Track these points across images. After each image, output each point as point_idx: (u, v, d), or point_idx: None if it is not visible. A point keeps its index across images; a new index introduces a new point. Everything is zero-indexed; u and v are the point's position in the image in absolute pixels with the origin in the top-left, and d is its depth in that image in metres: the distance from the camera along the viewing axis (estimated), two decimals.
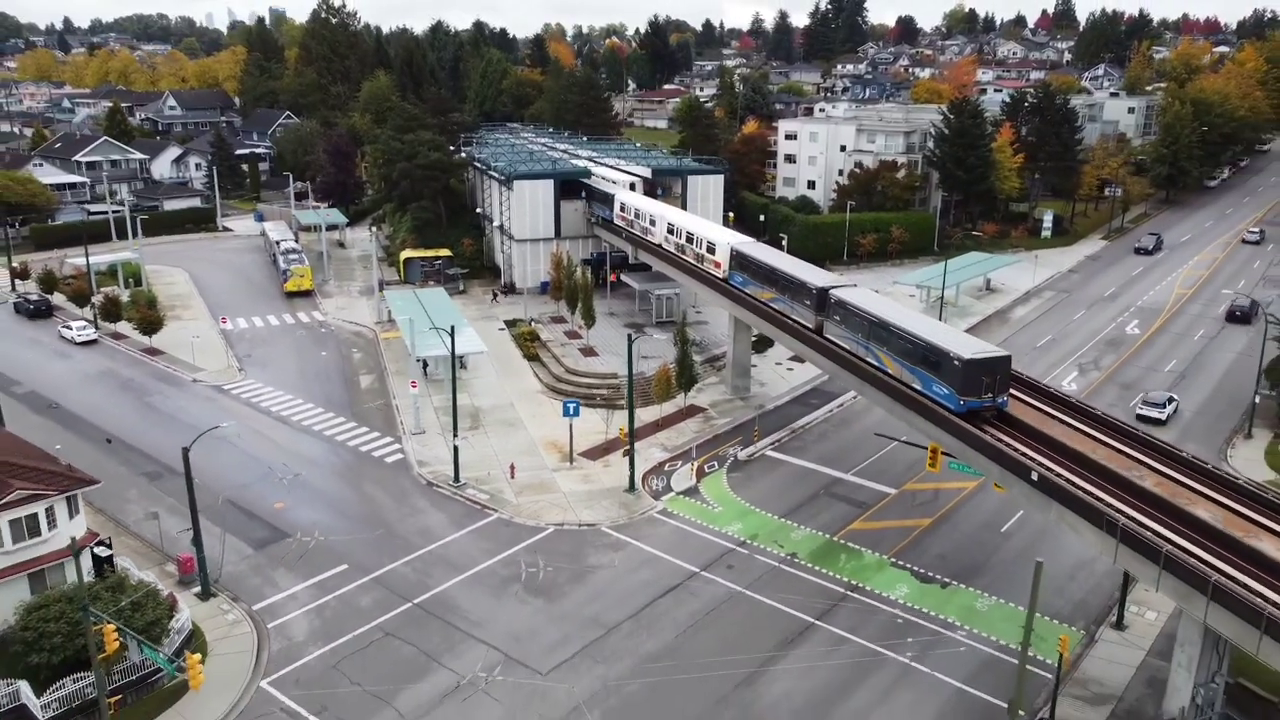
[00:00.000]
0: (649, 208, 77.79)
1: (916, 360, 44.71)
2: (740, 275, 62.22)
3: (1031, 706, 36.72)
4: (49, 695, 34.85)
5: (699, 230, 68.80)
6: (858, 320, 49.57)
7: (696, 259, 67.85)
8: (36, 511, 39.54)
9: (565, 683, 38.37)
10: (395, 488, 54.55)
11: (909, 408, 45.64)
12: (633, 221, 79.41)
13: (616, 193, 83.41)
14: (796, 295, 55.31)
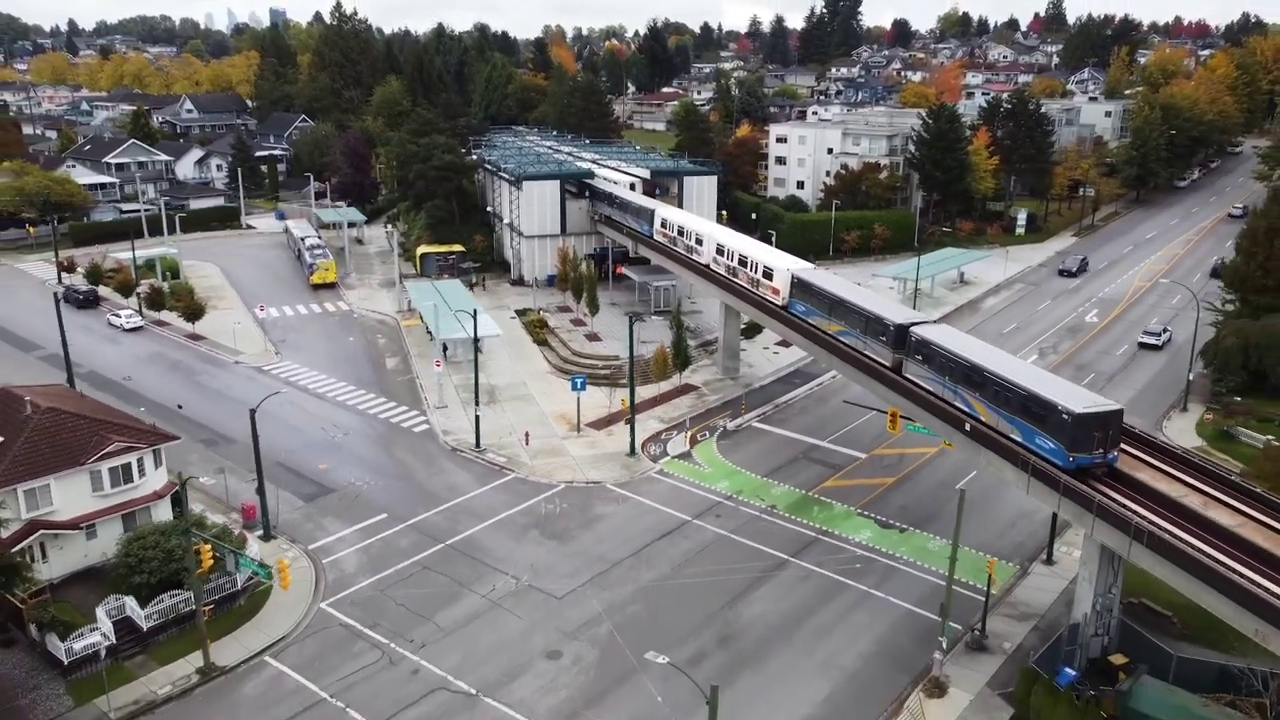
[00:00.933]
0: (696, 226, 74.94)
1: (1016, 410, 41.52)
2: (802, 304, 59.21)
3: (969, 622, 44.02)
4: (150, 608, 42.04)
5: (753, 254, 65.61)
6: (945, 362, 46.14)
7: (750, 283, 64.96)
8: (130, 462, 46.81)
9: (577, 605, 45.65)
10: (424, 452, 61.85)
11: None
12: (675, 239, 76.92)
13: (656, 208, 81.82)
14: (870, 330, 51.93)
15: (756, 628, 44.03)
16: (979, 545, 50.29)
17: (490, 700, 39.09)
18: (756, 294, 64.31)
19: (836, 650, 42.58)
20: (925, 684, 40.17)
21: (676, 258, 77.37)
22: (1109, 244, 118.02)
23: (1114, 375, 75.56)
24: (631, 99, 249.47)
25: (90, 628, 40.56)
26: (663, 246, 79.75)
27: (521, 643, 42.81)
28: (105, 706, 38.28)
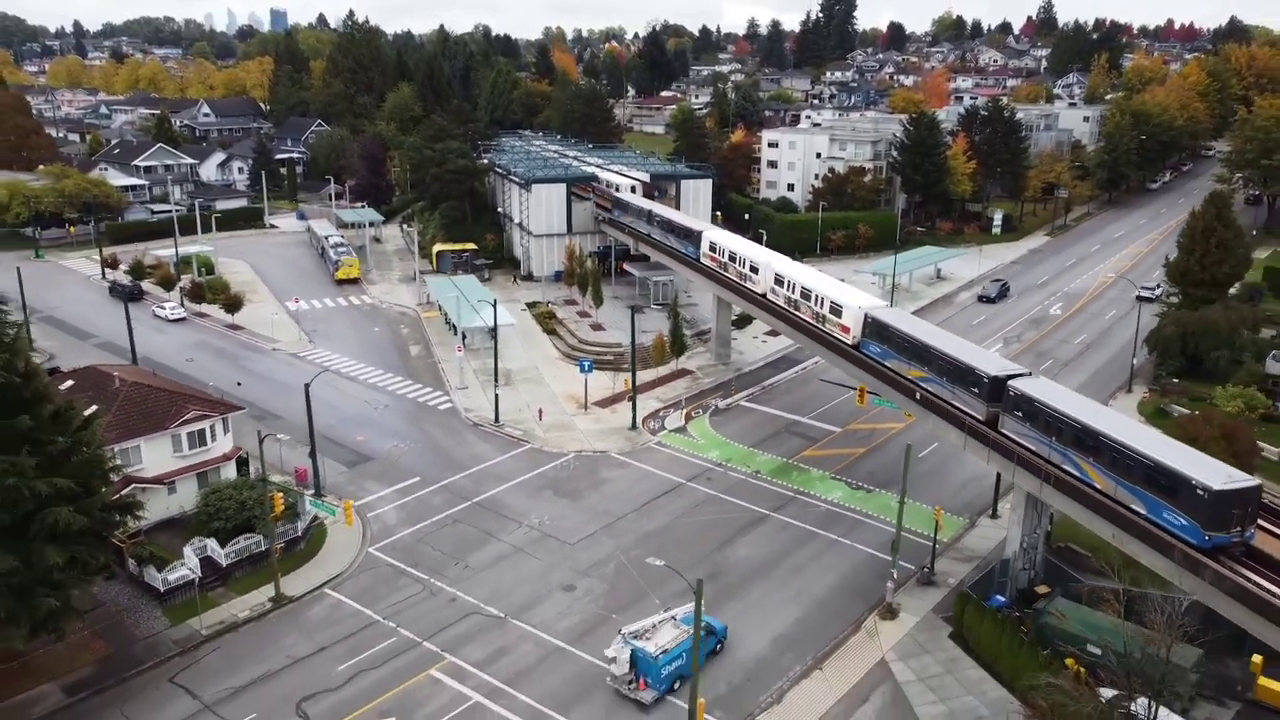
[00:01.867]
0: (750, 253, 72.45)
1: (1139, 480, 39.19)
2: (877, 345, 56.42)
3: (921, 562, 51.82)
4: (229, 548, 49.82)
5: (819, 288, 62.72)
6: (1052, 421, 43.50)
7: (815, 318, 62.23)
8: (204, 428, 54.67)
9: (587, 549, 53.46)
10: (448, 427, 69.67)
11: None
12: (726, 265, 74.69)
13: (705, 230, 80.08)
14: (959, 379, 49.48)
15: (741, 567, 51.86)
16: (936, 503, 57.98)
17: (516, 621, 46.88)
18: (821, 330, 61.41)
19: (807, 584, 50.44)
20: (880, 609, 48.01)
21: (726, 284, 74.62)
22: (1079, 243, 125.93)
23: (1069, 361, 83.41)
24: (631, 102, 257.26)
25: (180, 563, 48.33)
26: (711, 271, 77.11)
27: (541, 579, 50.63)
28: (197, 625, 46.04)
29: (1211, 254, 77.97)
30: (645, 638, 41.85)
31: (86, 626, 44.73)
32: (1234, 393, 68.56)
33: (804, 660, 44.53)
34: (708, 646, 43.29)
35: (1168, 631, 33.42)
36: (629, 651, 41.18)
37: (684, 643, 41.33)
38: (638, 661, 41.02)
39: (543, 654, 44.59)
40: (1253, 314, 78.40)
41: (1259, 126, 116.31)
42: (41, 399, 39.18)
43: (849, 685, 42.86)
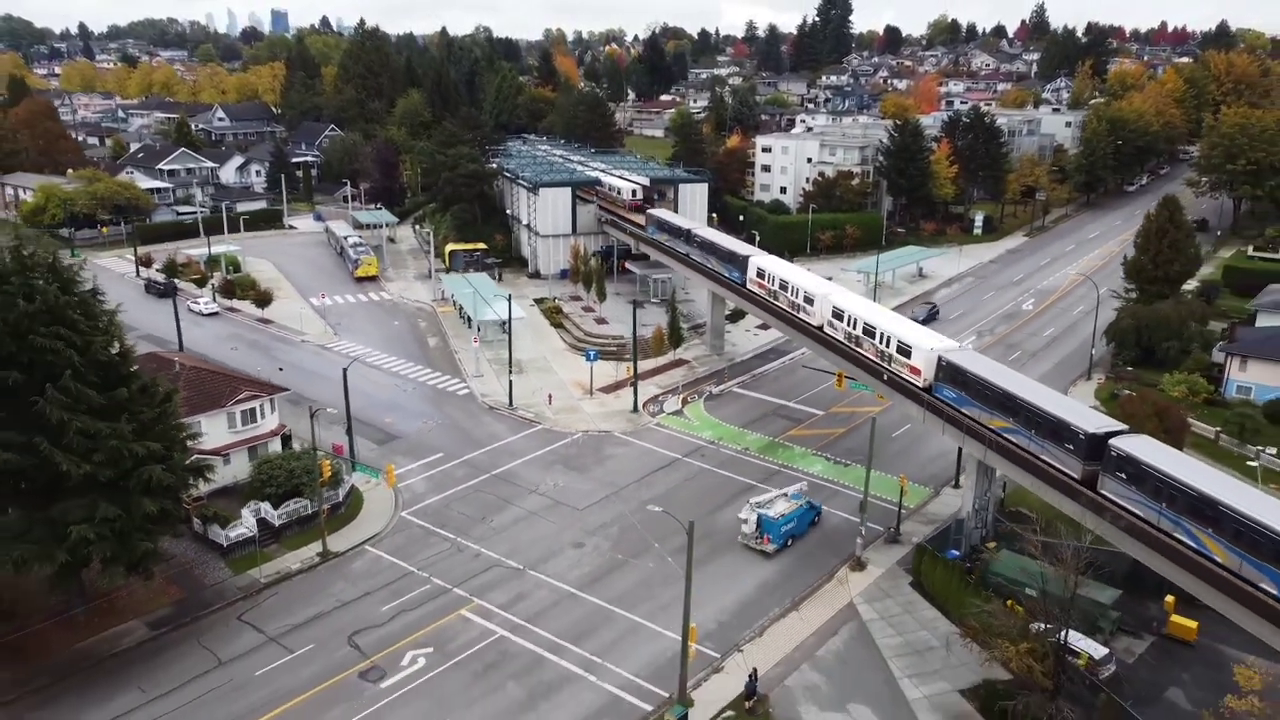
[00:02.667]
0: (805, 283, 69.45)
1: (1269, 558, 36.69)
2: (952, 390, 53.85)
3: (888, 525, 58.80)
4: (280, 510, 56.83)
5: (885, 325, 60.00)
6: (1164, 488, 41.03)
7: (879, 356, 59.84)
8: (254, 406, 61.68)
9: (594, 514, 60.46)
10: (467, 410, 76.70)
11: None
12: (774, 293, 72.19)
13: (752, 256, 77.49)
14: (1049, 433, 47.17)
15: (730, 528, 58.75)
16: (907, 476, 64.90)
17: (533, 572, 53.89)
18: (889, 369, 59.08)
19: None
20: (851, 562, 55.04)
21: (775, 312, 72.60)
22: (1056, 243, 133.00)
23: (1037, 352, 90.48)
24: (631, 106, 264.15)
25: (239, 523, 55.32)
26: (757, 298, 74.98)
27: (554, 538, 57.64)
28: (256, 575, 53.05)
29: (1164, 253, 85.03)
30: (768, 507, 55.86)
31: (162, 574, 51.60)
32: (1179, 379, 75.69)
33: (783, 603, 51.54)
34: (810, 518, 58.37)
35: (1075, 569, 40.26)
36: (756, 516, 55.43)
37: (794, 512, 56.63)
38: (762, 523, 55.31)
39: (556, 598, 51.61)
40: (1201, 308, 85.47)
41: (1224, 133, 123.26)
42: (133, 375, 46.19)
43: (821, 622, 49.89)
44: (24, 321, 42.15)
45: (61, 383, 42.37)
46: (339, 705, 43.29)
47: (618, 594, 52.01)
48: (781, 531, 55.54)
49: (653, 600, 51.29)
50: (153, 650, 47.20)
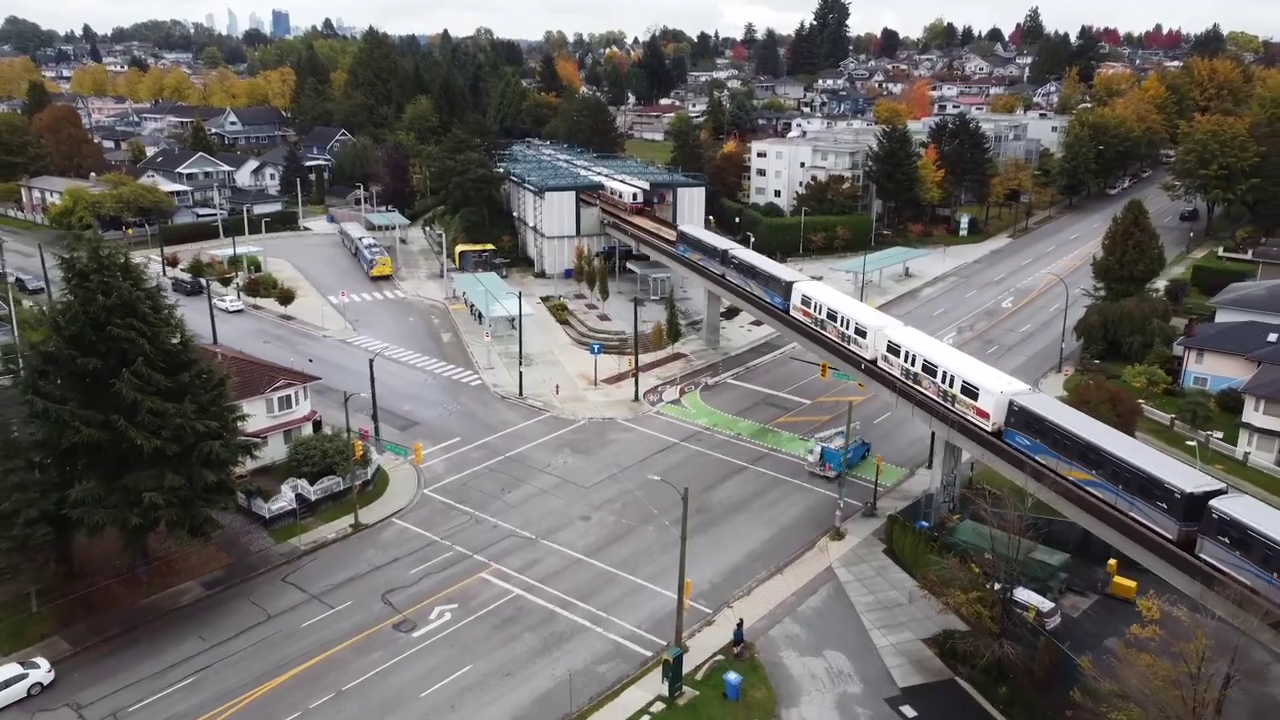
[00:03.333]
0: (856, 314, 67.27)
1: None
2: (1025, 438, 51.90)
3: (866, 500, 64.83)
4: (317, 486, 62.88)
5: (949, 364, 57.83)
6: (1274, 554, 39.02)
7: (940, 395, 57.90)
8: (289, 394, 67.74)
9: (599, 491, 66.50)
10: (480, 399, 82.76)
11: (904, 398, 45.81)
12: (823, 323, 69.99)
13: (796, 282, 74.95)
14: (1140, 491, 44.96)
15: (722, 504, 64.92)
16: (886, 458, 70.89)
17: (545, 541, 59.93)
18: (951, 409, 57.06)
19: (775, 516, 63.52)
20: (830, 533, 61.10)
21: (822, 341, 70.74)
22: (1038, 244, 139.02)
23: (1013, 347, 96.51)
24: (632, 110, 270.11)
25: (279, 497, 61.35)
26: (802, 326, 73.07)
27: (562, 512, 63.68)
28: (297, 543, 59.08)
29: (1129, 254, 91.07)
30: (829, 441, 68.54)
31: (212, 542, 57.65)
32: (1140, 370, 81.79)
33: (769, 567, 57.60)
34: (861, 452, 70.37)
35: (1020, 533, 46.20)
36: (820, 449, 68.52)
37: (851, 446, 67.34)
38: (825, 454, 67.89)
39: (566, 563, 57.65)
40: (1163, 305, 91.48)
41: (1198, 140, 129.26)
42: (194, 362, 52.23)
43: (802, 583, 55.96)
44: (102, 314, 48.19)
45: (135, 368, 48.40)
46: (376, 651, 49.35)
47: (621, 559, 58.06)
48: (841, 460, 65.91)
49: (652, 565, 57.32)
50: (208, 606, 53.26)
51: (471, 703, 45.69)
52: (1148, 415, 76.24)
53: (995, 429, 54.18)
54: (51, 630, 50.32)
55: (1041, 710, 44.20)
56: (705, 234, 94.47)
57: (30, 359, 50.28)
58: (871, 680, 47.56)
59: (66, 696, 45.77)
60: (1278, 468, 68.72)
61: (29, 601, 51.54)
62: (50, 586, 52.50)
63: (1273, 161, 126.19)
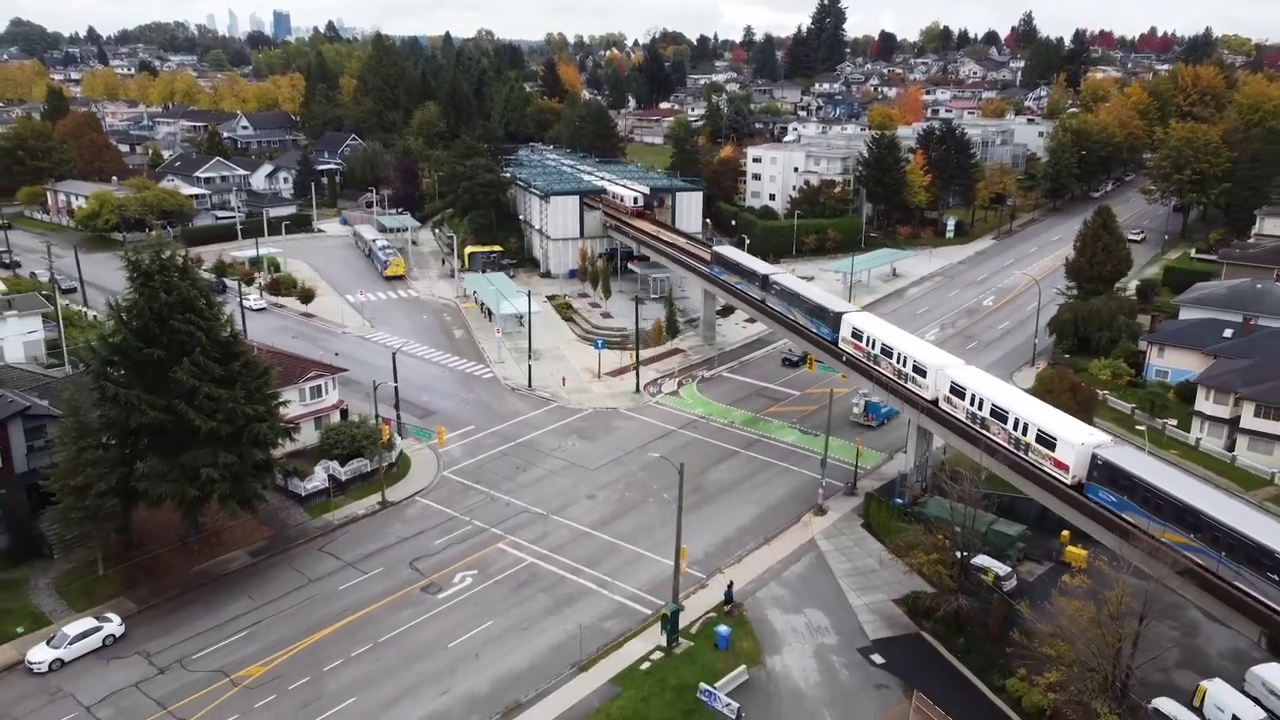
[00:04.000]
0: (914, 352, 64.78)
1: None
2: (1111, 494, 49.04)
3: (847, 481, 71.00)
4: (347, 467, 69.08)
5: (1020, 410, 55.28)
6: None
7: (1011, 442, 55.30)
8: (320, 384, 73.99)
9: (603, 473, 72.69)
10: (492, 390, 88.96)
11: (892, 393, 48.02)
12: (876, 357, 67.64)
13: (845, 313, 72.42)
14: (1249, 561, 42.51)
15: (716, 484, 71.13)
16: (870, 446, 76.95)
17: (555, 516, 66.12)
18: (1025, 458, 54.58)
19: (764, 494, 69.71)
20: (814, 509, 67.27)
21: (874, 377, 68.45)
22: (1021, 245, 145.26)
23: (991, 343, 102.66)
24: (632, 114, 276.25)
25: (313, 477, 67.54)
26: (851, 359, 70.78)
27: (570, 491, 69.88)
28: (330, 518, 65.31)
29: (1098, 256, 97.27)
30: (871, 395, 77.09)
31: (255, 516, 63.83)
32: (1105, 364, 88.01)
33: (757, 539, 63.80)
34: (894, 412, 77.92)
35: (976, 505, 52.37)
36: (864, 402, 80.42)
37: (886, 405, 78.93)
38: (868, 407, 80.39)
39: (574, 536, 63.85)
40: (1129, 304, 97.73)
41: (1172, 146, 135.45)
42: (242, 352, 58.41)
43: (787, 553, 62.15)
44: (164, 310, 54.40)
45: (193, 358, 54.63)
46: (407, 610, 55.55)
47: (623, 532, 64.27)
48: (881, 412, 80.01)
49: (651, 538, 63.46)
50: (254, 572, 59.48)
51: (493, 652, 51.89)
52: (1111, 405, 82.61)
53: (1075, 482, 51.24)
54: (117, 591, 56.56)
55: (993, 657, 50.35)
56: (743, 256, 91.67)
57: (100, 350, 56.43)
58: (846, 633, 53.76)
59: (136, 646, 51.99)
60: (1226, 452, 74.93)
61: (96, 566, 57.81)
62: (113, 554, 58.69)
63: (1243, 167, 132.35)
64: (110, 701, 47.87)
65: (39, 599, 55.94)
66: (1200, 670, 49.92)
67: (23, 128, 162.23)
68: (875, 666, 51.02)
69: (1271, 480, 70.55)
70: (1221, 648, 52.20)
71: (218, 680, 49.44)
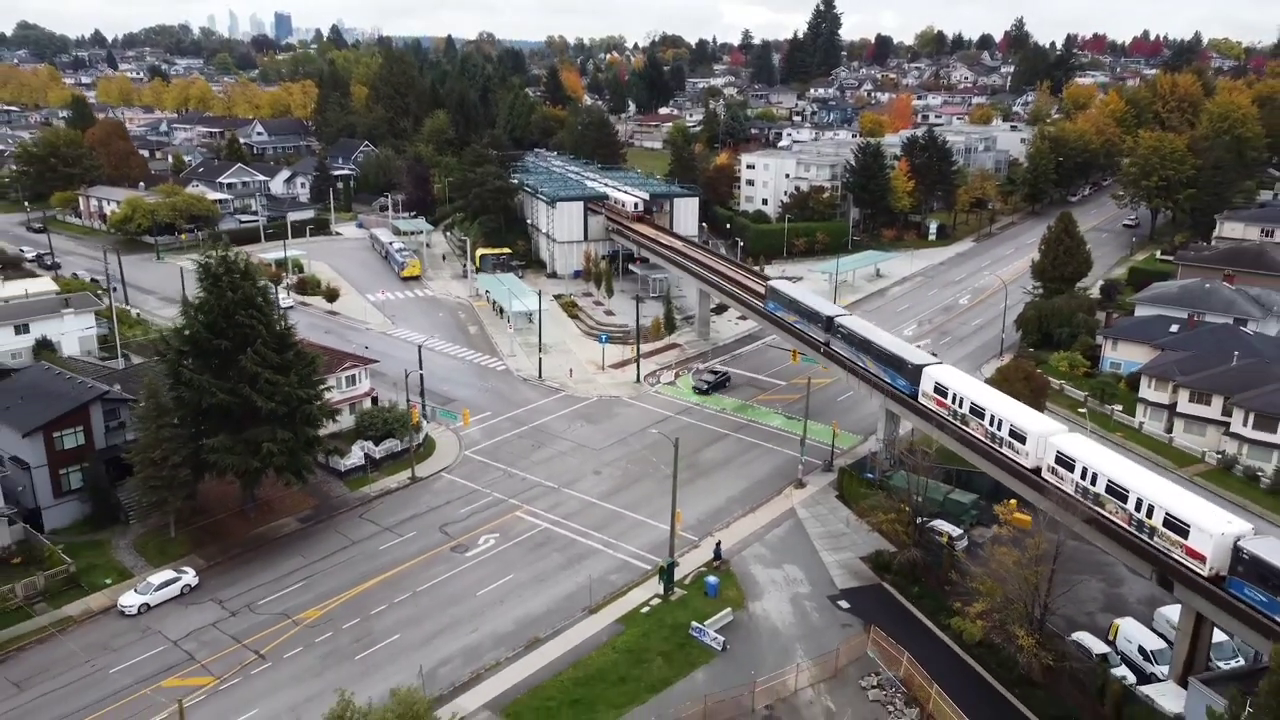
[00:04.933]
0: (1014, 416, 60.18)
1: None
2: (1260, 593, 44.57)
3: (825, 459, 79.71)
4: (380, 447, 77.81)
5: (1144, 490, 50.76)
6: None
7: (1131, 522, 50.94)
8: (354, 373, 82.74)
9: (607, 452, 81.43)
10: (505, 381, 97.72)
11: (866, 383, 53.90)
12: (964, 417, 63.30)
13: (926, 366, 68.53)
14: None
15: (708, 462, 79.85)
16: (846, 428, 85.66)
17: (565, 489, 74.87)
18: (1149, 542, 49.93)
19: (751, 470, 78.45)
20: (794, 483, 76.01)
21: (959, 436, 64.40)
22: (999, 247, 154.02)
23: (964, 338, 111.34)
24: (632, 119, 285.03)
25: (350, 455, 76.25)
26: (931, 415, 66.92)
27: (578, 468, 78.61)
28: (367, 491, 74.05)
29: (1061, 258, 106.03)
30: None
31: (301, 489, 72.44)
32: (1063, 356, 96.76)
33: (744, 508, 72.54)
34: None
35: (927, 474, 61.14)
36: None
37: None
38: None
39: (583, 506, 72.59)
40: (1088, 302, 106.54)
41: (1140, 154, 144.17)
42: (294, 343, 67.14)
43: (769, 519, 70.88)
44: (230, 306, 63.12)
45: (255, 348, 63.33)
46: (439, 566, 64.29)
47: (626, 503, 73.02)
48: None
49: (651, 507, 72.09)
50: (303, 535, 68.24)
51: (515, 599, 60.64)
52: (1067, 394, 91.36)
53: (1213, 574, 46.65)
54: (187, 551, 65.30)
55: (942, 602, 59.01)
56: (804, 294, 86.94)
57: (174, 341, 65.19)
58: (817, 583, 62.49)
59: (209, 595, 60.75)
60: (1165, 434, 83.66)
61: (168, 529, 66.57)
62: (182, 518, 67.45)
63: (1207, 174, 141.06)
64: (193, 637, 56.63)
65: (121, 556, 64.72)
66: (1119, 613, 58.74)
67: (55, 136, 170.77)
68: (841, 610, 59.78)
69: (1202, 458, 79.34)
70: (1140, 595, 60.96)
71: (281, 621, 58.20)
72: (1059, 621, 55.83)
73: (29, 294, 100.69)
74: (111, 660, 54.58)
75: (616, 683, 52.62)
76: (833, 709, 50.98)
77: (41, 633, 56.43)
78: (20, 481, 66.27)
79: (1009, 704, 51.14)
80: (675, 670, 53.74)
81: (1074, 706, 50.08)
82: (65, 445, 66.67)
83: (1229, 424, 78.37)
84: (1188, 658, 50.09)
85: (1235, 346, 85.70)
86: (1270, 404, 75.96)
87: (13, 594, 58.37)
